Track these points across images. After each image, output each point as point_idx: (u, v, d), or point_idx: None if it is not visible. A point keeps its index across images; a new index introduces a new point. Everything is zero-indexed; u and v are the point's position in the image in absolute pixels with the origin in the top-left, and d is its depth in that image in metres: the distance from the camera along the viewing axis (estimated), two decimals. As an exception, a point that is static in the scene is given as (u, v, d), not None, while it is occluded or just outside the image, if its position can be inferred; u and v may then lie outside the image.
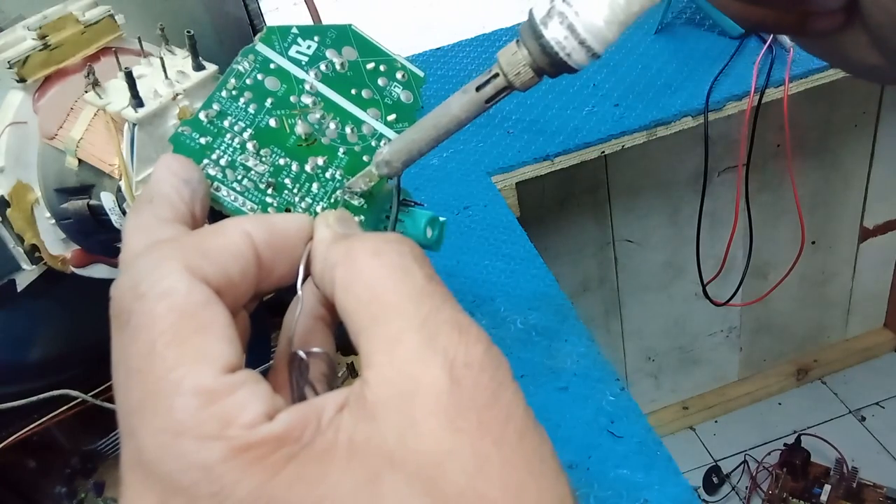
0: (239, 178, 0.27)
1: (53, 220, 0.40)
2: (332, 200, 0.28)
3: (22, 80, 0.37)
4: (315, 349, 0.24)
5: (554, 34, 0.24)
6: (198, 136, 0.27)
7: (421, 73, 0.31)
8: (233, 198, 0.27)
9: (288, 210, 0.28)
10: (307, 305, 0.25)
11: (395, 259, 0.21)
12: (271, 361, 0.25)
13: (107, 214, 0.38)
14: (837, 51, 0.27)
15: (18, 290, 0.41)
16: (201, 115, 0.27)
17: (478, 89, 0.26)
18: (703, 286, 1.05)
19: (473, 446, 0.18)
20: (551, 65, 0.24)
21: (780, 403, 1.53)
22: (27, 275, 0.41)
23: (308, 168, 0.28)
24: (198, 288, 0.20)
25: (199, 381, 0.19)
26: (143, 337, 0.19)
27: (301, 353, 0.23)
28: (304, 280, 0.24)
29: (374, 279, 0.21)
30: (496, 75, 0.25)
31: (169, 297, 0.20)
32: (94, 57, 0.39)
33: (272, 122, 0.28)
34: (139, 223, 0.23)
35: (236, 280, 0.22)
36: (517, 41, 0.25)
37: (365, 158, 0.29)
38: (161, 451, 0.18)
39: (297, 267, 0.24)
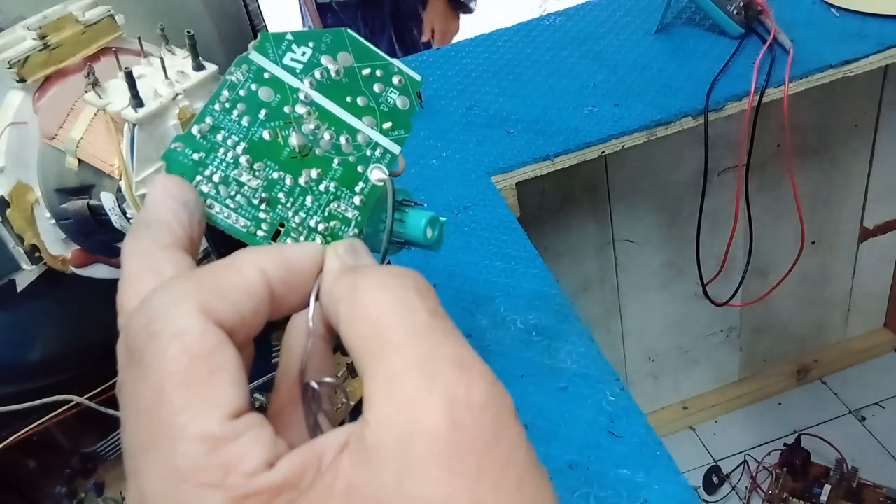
0: (232, 194, 0.27)
1: (53, 220, 0.40)
2: (326, 213, 0.28)
3: (22, 80, 0.37)
4: (327, 379, 0.24)
5: None
6: (191, 151, 0.26)
7: (418, 77, 0.31)
8: (226, 214, 0.27)
9: (282, 225, 0.27)
10: (304, 324, 0.24)
11: (397, 293, 0.21)
12: (274, 360, 0.25)
13: (107, 214, 0.38)
14: None
15: (18, 290, 0.41)
16: (194, 130, 0.27)
17: None
18: (703, 286, 1.05)
19: (471, 491, 0.18)
20: None
21: (780, 403, 1.53)
22: (27, 275, 0.41)
23: (302, 181, 0.28)
24: (211, 330, 0.20)
25: (205, 427, 0.19)
26: (154, 377, 0.19)
27: (314, 385, 0.23)
28: (314, 313, 0.23)
29: (375, 315, 0.21)
30: None
31: (182, 338, 0.20)
32: (94, 57, 0.39)
33: (266, 135, 0.27)
34: (137, 249, 0.23)
35: (248, 319, 0.21)
36: None
37: (359, 169, 0.29)
38: (162, 496, 0.18)
39: (308, 298, 0.23)
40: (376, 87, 0.30)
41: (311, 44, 0.29)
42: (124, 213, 0.37)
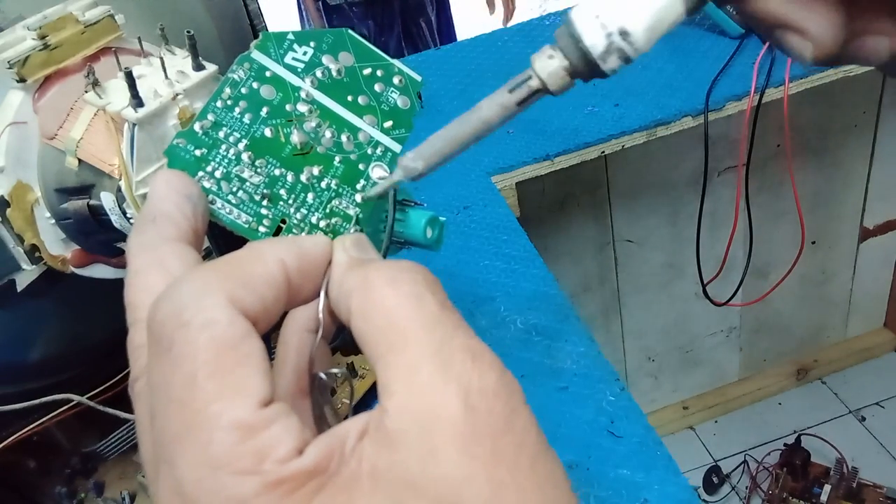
0: (234, 190, 0.27)
1: (53, 220, 0.40)
2: (328, 210, 0.28)
3: (22, 80, 0.37)
4: (335, 370, 0.24)
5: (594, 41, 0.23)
6: (193, 147, 0.27)
7: (418, 78, 0.31)
8: (228, 210, 0.27)
9: (283, 221, 0.27)
10: (303, 318, 0.25)
11: (408, 288, 0.22)
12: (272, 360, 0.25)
13: (107, 214, 0.38)
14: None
15: (18, 290, 0.41)
16: (196, 127, 0.27)
17: (510, 91, 0.25)
18: (703, 286, 1.05)
19: (488, 473, 0.19)
20: (588, 70, 0.24)
21: (780, 403, 1.53)
22: (27, 275, 0.41)
23: (303, 178, 0.28)
24: (238, 320, 0.21)
25: (237, 415, 0.19)
26: (185, 367, 0.20)
27: (322, 375, 0.24)
28: (324, 305, 0.24)
29: (389, 308, 0.21)
30: (529, 78, 0.25)
31: (211, 328, 0.20)
32: (94, 57, 0.39)
33: (267, 132, 0.28)
34: (143, 243, 0.24)
35: (270, 308, 0.22)
36: (552, 46, 0.25)
37: (361, 167, 0.29)
38: (199, 484, 0.19)
39: (318, 290, 0.24)
40: (377, 87, 0.30)
41: (312, 43, 0.29)
42: (124, 212, 0.37)
